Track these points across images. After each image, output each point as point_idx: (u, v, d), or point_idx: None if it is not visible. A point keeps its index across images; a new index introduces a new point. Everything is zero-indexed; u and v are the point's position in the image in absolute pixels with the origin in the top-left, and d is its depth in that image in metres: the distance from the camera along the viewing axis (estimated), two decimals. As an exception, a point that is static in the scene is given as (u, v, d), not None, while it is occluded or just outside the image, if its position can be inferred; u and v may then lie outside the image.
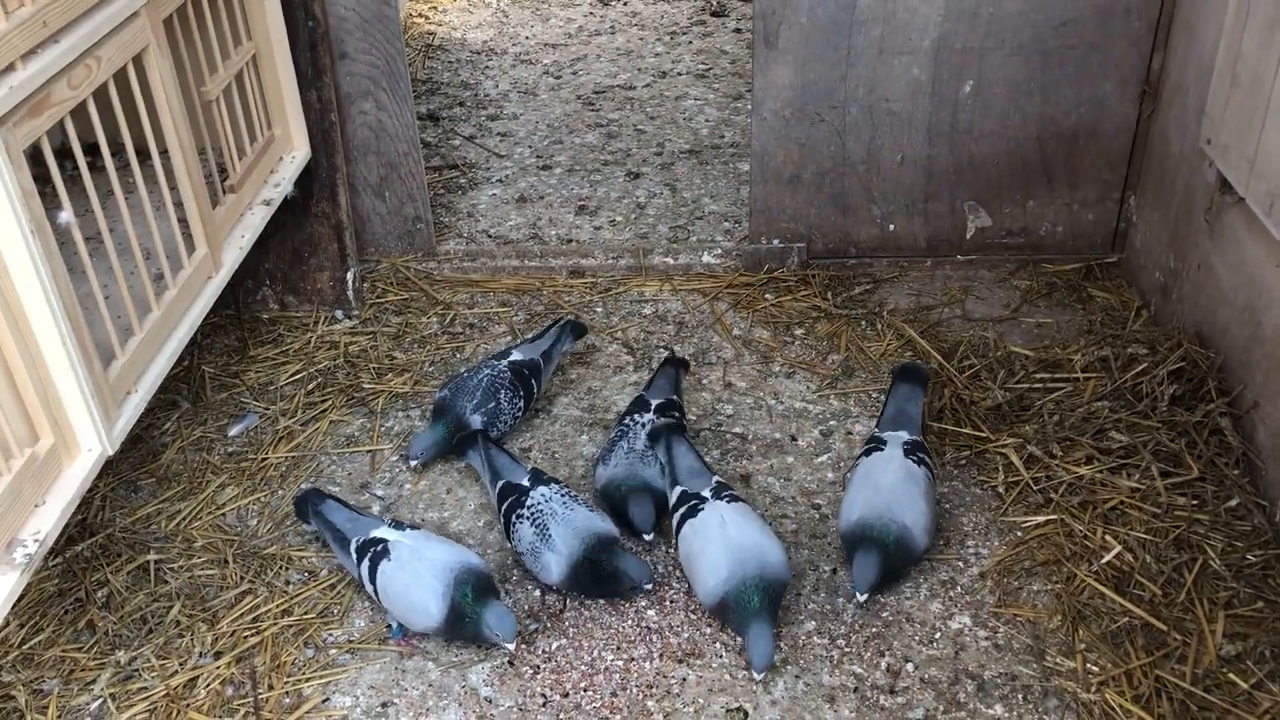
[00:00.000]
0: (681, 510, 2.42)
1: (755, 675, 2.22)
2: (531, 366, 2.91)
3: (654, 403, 2.75)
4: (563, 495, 2.46)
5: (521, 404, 2.86)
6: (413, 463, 2.76)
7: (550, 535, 2.37)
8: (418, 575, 2.27)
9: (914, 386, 2.73)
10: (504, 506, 2.50)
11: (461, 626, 2.25)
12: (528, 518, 2.42)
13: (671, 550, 2.54)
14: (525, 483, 2.50)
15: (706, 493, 2.42)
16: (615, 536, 2.41)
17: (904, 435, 2.55)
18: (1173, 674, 2.19)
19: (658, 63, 5.12)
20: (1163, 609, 2.33)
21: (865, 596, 2.33)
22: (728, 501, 2.40)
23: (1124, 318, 3.21)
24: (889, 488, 2.41)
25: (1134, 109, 3.23)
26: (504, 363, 2.88)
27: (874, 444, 2.56)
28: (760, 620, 2.21)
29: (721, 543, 2.30)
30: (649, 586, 2.38)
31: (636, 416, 2.70)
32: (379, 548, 2.34)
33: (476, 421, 2.76)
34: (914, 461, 2.48)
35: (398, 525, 2.42)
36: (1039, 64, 3.19)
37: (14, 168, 1.81)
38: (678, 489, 2.46)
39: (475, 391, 2.79)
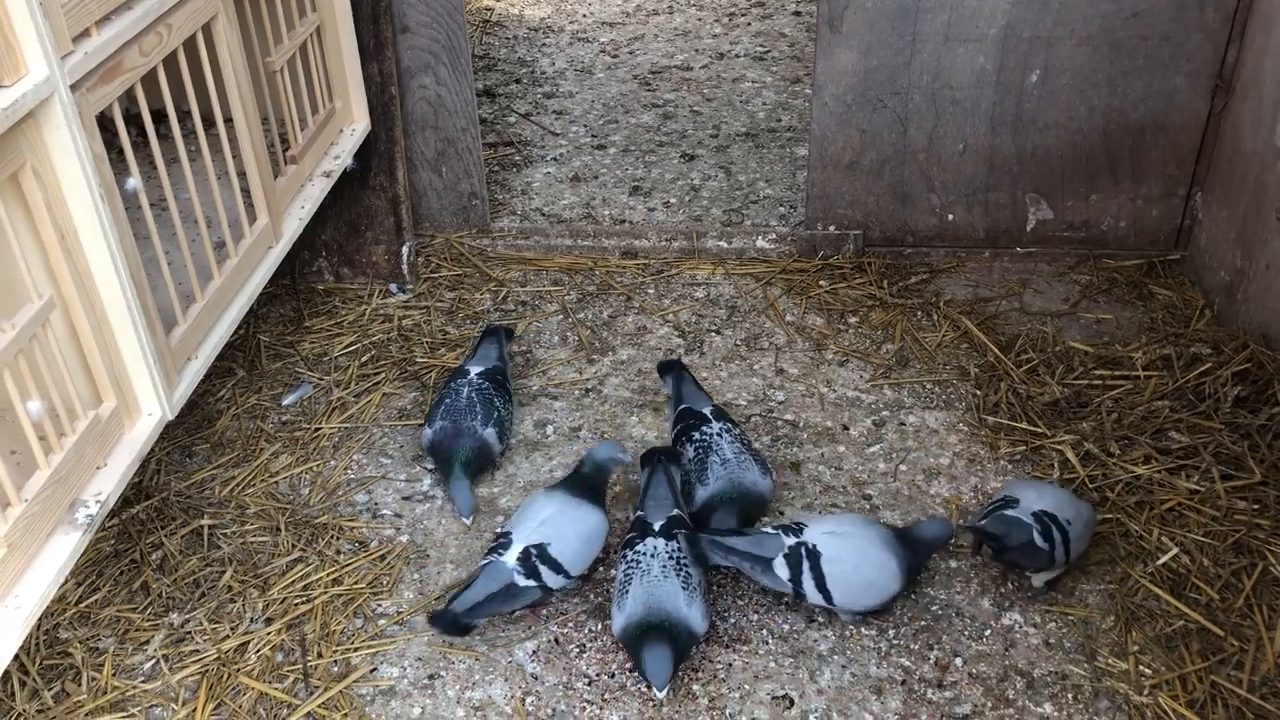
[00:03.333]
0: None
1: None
2: (500, 371, 2.82)
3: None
4: (671, 556, 2.26)
5: (511, 407, 2.79)
6: (467, 520, 2.58)
7: (627, 594, 2.22)
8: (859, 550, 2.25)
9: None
10: (630, 535, 2.35)
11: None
12: (625, 560, 2.28)
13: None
14: (655, 524, 2.32)
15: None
16: (688, 633, 2.18)
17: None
18: (1229, 680, 2.16)
19: (715, 44, 5.09)
20: (1220, 614, 2.29)
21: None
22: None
23: (1187, 316, 3.15)
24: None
25: (1205, 103, 3.16)
26: (474, 375, 2.76)
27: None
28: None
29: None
30: (661, 696, 2.17)
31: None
32: (809, 547, 2.26)
33: (491, 435, 2.64)
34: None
35: (796, 528, 2.31)
36: (1108, 55, 3.12)
37: (86, 133, 1.83)
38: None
39: (474, 408, 2.66)
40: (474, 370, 2.79)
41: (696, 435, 2.56)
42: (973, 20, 3.10)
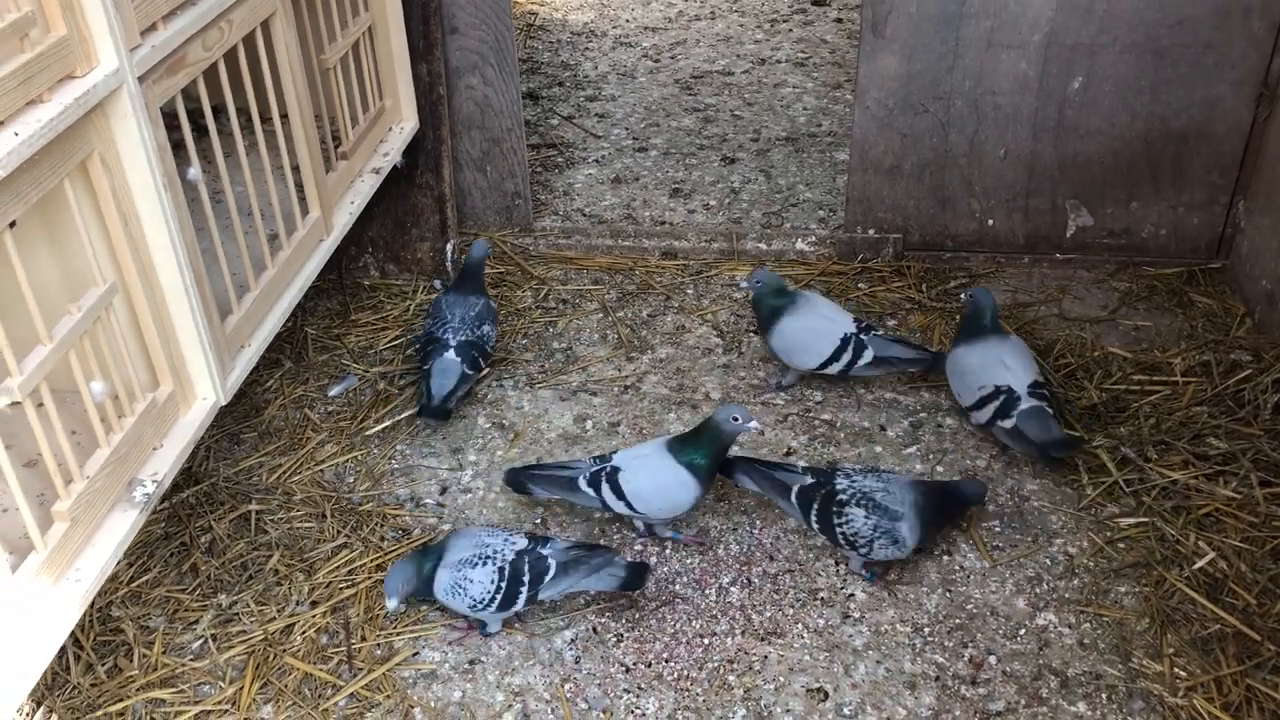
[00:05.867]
0: (603, 481, 2.49)
1: (754, 426, 2.45)
2: (537, 568, 2.32)
3: None
4: None
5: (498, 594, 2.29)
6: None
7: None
8: (658, 469, 2.45)
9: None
10: None
11: (711, 479, 2.47)
12: None
13: (754, 531, 2.57)
14: None
15: (606, 464, 2.51)
16: None
17: None
18: (1265, 684, 2.16)
19: (757, 50, 5.12)
20: (1256, 618, 2.29)
21: None
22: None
23: (1227, 324, 3.14)
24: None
25: (1249, 111, 3.15)
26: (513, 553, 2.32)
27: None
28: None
29: (645, 457, 2.49)
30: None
31: None
32: (607, 469, 2.48)
33: (445, 578, 2.28)
34: None
35: (602, 458, 2.53)
36: (1151, 62, 3.13)
37: (151, 123, 1.89)
38: (580, 478, 2.51)
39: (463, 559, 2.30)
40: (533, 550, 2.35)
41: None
42: (1015, 26, 3.11)
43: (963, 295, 2.88)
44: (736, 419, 2.43)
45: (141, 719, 2.20)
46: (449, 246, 3.43)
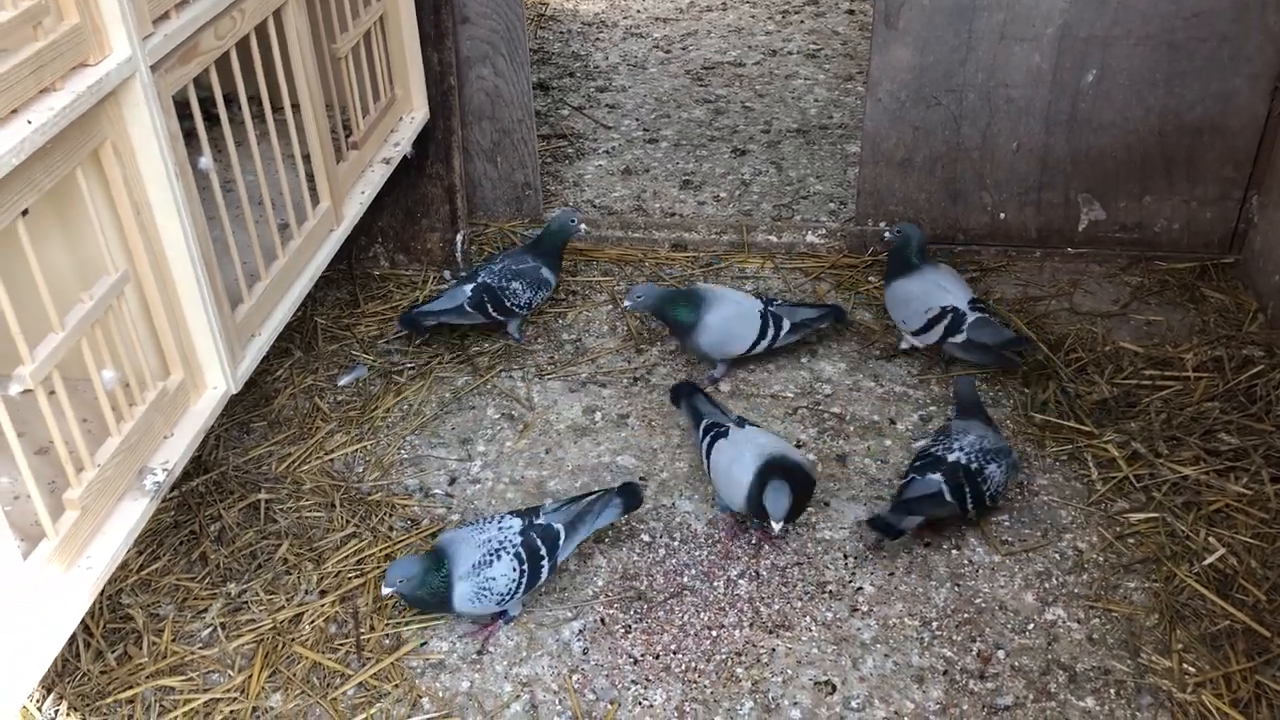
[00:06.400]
0: (710, 434, 2.59)
1: (775, 528, 2.34)
2: (548, 537, 2.34)
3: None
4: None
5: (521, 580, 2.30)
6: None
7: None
8: (735, 461, 2.47)
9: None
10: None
11: (758, 503, 2.40)
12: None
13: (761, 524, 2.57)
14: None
15: (729, 424, 2.59)
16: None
17: None
18: (1274, 681, 2.15)
19: (768, 41, 5.11)
20: (1266, 615, 2.28)
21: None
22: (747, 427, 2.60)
23: (1239, 320, 3.13)
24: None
25: (1264, 105, 3.13)
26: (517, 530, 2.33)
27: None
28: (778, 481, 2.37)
29: (750, 446, 2.49)
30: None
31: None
32: (720, 428, 2.57)
33: (466, 589, 2.24)
34: None
35: (741, 424, 2.59)
36: (1166, 55, 3.11)
37: (164, 112, 1.89)
38: (703, 422, 2.63)
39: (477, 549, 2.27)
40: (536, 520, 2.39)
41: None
42: (1029, 19, 3.10)
43: (887, 234, 3.12)
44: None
45: (151, 706, 2.21)
46: (459, 237, 3.43)
